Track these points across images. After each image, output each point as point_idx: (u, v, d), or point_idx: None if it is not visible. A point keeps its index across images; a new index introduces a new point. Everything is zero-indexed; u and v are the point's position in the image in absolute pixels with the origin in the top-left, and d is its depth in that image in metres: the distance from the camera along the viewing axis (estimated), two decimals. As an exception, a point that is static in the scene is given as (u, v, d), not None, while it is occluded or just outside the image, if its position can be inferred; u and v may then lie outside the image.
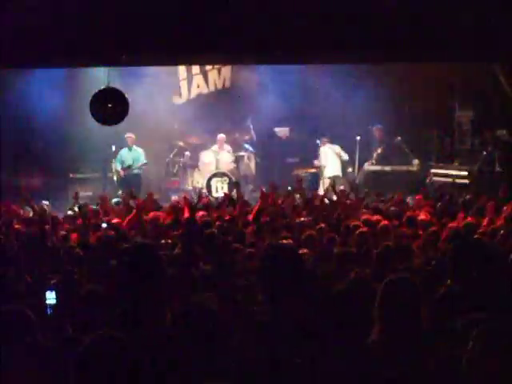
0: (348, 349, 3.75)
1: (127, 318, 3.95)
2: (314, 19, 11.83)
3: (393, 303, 3.86)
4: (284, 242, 8.05)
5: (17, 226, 10.39)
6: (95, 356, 3.07)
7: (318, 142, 17.61)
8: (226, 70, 19.29)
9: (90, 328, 4.37)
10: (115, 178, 17.28)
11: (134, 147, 17.40)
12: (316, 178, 17.66)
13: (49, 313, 5.65)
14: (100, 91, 12.61)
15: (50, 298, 5.72)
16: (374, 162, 17.43)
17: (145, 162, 17.31)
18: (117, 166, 17.24)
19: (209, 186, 17.35)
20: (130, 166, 17.14)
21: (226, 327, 3.66)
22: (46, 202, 14.42)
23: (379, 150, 17.49)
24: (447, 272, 5.08)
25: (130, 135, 17.26)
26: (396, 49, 12.72)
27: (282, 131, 18.85)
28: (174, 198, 16.05)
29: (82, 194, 16.83)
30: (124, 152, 17.35)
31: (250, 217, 10.44)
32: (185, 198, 11.80)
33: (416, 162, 17.21)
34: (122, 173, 17.10)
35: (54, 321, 5.42)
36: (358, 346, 3.79)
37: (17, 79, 16.29)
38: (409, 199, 13.88)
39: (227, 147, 18.20)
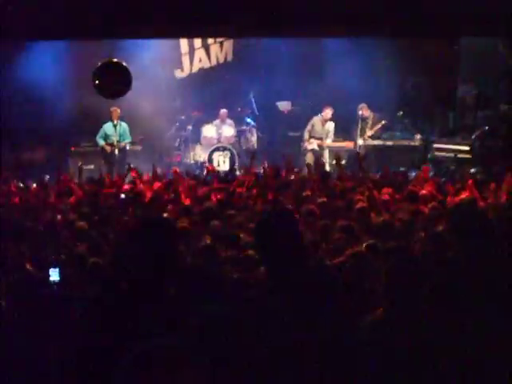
0: (346, 325, 3.74)
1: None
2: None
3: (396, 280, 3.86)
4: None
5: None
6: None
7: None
8: (228, 44, 19.20)
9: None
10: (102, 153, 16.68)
11: (119, 122, 16.63)
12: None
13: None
14: (103, 64, 12.58)
15: (54, 274, 5.68)
16: (367, 137, 17.31)
17: (130, 138, 16.80)
18: (99, 141, 16.62)
19: (210, 160, 17.35)
20: (117, 142, 16.47)
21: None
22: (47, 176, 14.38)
23: (374, 130, 17.31)
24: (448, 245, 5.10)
25: (115, 108, 16.46)
26: (397, 24, 12.69)
27: (283, 105, 18.78)
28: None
29: (84, 167, 16.97)
30: (108, 126, 16.64)
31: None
32: (175, 172, 11.84)
33: (418, 136, 17.14)
34: (108, 148, 16.50)
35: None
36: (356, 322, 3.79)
37: (16, 53, 16.22)
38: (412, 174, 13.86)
39: (229, 121, 18.19)
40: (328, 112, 17.24)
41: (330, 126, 17.29)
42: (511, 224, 7.54)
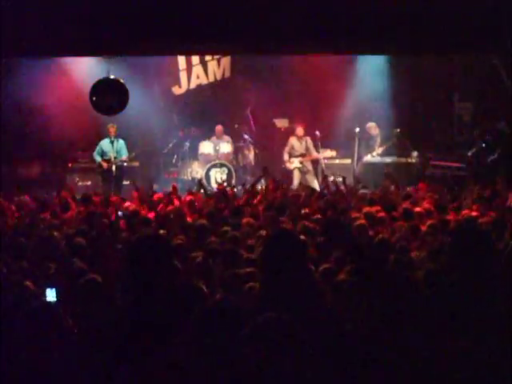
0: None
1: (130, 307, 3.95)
2: (312, 9, 11.83)
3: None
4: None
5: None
6: None
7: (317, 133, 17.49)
8: (226, 61, 19.24)
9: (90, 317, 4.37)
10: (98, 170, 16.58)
11: (116, 138, 16.43)
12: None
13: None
14: (100, 81, 12.63)
15: (50, 295, 5.61)
16: (375, 154, 17.33)
17: (127, 154, 16.59)
18: (96, 157, 16.46)
19: (208, 177, 17.35)
20: (114, 158, 16.29)
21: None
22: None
23: (384, 146, 17.32)
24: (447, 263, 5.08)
25: (112, 125, 16.29)
26: (394, 41, 12.72)
27: (281, 122, 18.82)
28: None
29: (80, 183, 16.97)
30: (105, 143, 16.48)
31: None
32: (173, 187, 11.84)
33: (415, 153, 17.15)
34: (104, 165, 16.33)
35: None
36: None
37: (16, 68, 16.24)
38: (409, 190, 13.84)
39: (226, 138, 18.20)
40: (300, 129, 17.40)
41: (307, 141, 17.37)
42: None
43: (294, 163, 17.34)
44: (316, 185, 16.27)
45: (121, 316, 3.83)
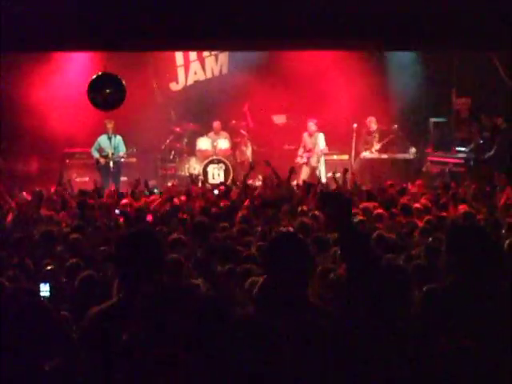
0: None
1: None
2: (309, 6, 11.83)
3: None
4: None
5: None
6: None
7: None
8: (224, 57, 19.22)
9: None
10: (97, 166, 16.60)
11: (114, 134, 16.57)
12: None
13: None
14: (98, 76, 12.61)
15: (44, 290, 5.60)
16: (374, 150, 17.32)
17: (125, 150, 16.65)
18: (94, 153, 16.56)
19: (205, 173, 17.34)
20: (111, 154, 16.41)
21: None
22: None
23: (382, 142, 17.32)
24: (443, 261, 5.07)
25: (110, 121, 16.45)
26: (394, 38, 12.73)
27: (279, 118, 18.80)
28: (170, 183, 16.10)
29: (78, 179, 16.95)
30: (103, 139, 16.58)
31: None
32: (173, 185, 11.84)
33: (413, 150, 17.14)
34: (102, 161, 16.42)
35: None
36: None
37: (13, 64, 16.20)
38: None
39: (224, 134, 18.19)
40: (310, 125, 17.49)
41: (318, 136, 17.39)
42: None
43: (303, 159, 17.43)
44: (324, 180, 16.33)
45: (117, 313, 3.82)
